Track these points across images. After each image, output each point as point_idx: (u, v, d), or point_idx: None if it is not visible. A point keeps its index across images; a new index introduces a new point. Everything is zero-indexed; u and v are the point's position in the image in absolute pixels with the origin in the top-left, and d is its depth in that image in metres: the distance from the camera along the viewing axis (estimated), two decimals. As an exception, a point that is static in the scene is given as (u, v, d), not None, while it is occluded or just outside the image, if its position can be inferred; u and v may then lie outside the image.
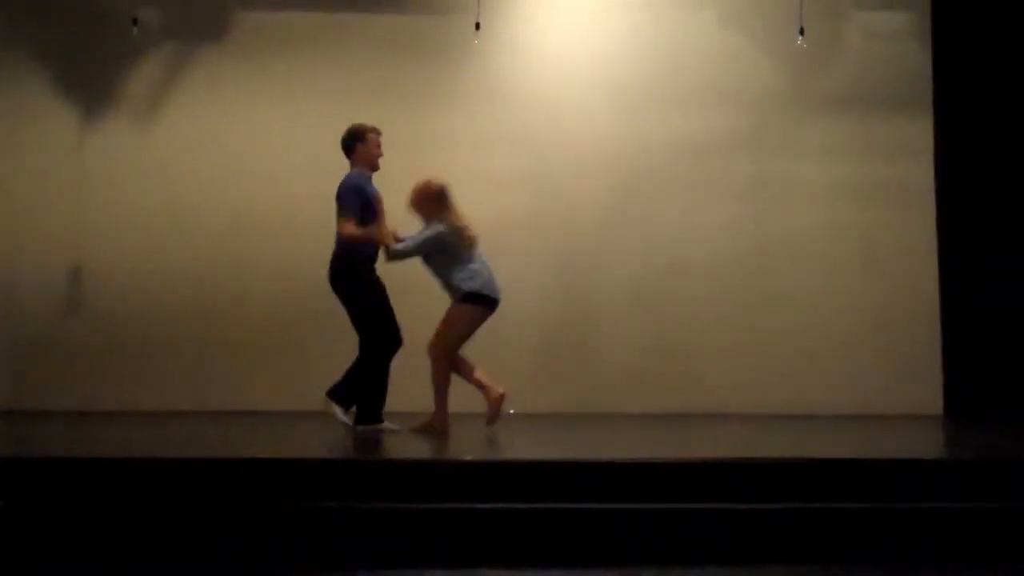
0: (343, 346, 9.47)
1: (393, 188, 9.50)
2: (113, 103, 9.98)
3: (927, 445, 7.80)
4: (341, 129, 9.76)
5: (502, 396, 7.62)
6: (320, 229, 9.72)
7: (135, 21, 9.46)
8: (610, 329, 9.77)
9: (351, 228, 7.53)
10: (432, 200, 7.73)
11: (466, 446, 7.11)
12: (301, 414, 8.91)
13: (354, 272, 7.61)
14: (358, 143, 7.84)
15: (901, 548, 5.49)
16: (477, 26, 9.35)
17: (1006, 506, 5.69)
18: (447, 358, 7.55)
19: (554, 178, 9.92)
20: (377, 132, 7.90)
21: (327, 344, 9.61)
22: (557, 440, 7.63)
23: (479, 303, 7.55)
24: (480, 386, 7.62)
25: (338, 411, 7.61)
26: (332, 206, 9.10)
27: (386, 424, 7.56)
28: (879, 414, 9.39)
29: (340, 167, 9.76)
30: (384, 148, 9.16)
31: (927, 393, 9.76)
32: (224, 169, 9.91)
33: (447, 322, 7.56)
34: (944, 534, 5.55)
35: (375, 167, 7.89)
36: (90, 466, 5.78)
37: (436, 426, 7.50)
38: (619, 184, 9.89)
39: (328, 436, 7.48)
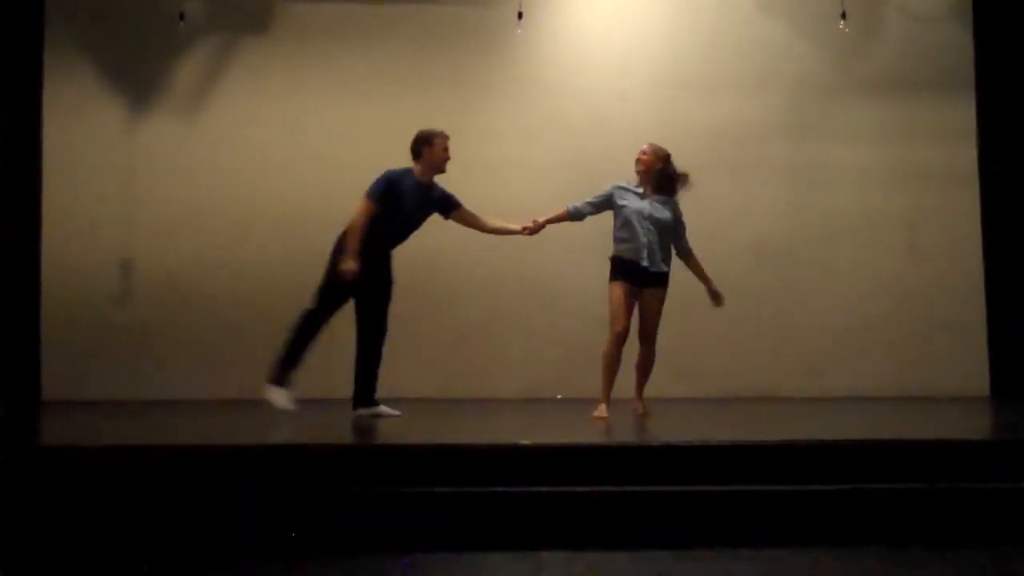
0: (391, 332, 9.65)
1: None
2: (160, 96, 10.09)
3: (974, 426, 7.80)
4: (384, 120, 9.93)
5: None
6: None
7: (182, 16, 9.58)
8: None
9: (363, 217, 7.74)
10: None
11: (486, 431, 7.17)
12: (336, 401, 9.05)
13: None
14: (425, 147, 7.88)
15: (948, 528, 5.53)
16: (519, 16, 9.41)
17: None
18: None
19: (594, 165, 9.91)
20: (445, 137, 7.92)
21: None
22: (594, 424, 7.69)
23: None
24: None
25: (383, 409, 7.74)
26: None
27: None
28: (926, 396, 9.42)
29: (384, 155, 9.87)
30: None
31: (973, 374, 9.77)
32: (269, 160, 9.99)
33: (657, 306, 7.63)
34: (990, 514, 5.59)
35: (440, 170, 7.96)
36: (138, 455, 5.90)
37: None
38: (660, 170, 9.91)
39: (363, 423, 7.58)
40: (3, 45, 9.67)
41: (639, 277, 7.50)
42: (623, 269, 7.52)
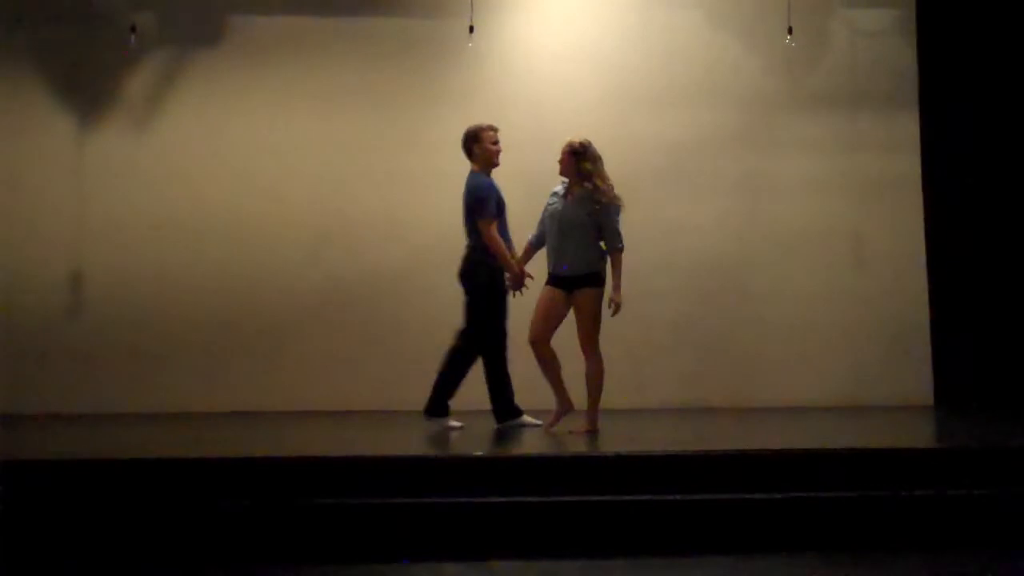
0: (342, 347, 9.68)
1: (379, 188, 9.70)
2: (111, 108, 10.04)
3: (917, 434, 7.92)
4: (335, 131, 9.98)
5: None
6: (317, 228, 9.90)
7: (133, 28, 9.53)
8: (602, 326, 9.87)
9: (494, 233, 7.61)
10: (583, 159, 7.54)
11: (476, 442, 7.21)
12: (302, 414, 9.07)
13: (482, 272, 7.63)
14: (475, 144, 7.87)
15: (893, 535, 5.63)
16: (471, 29, 9.44)
17: (994, 493, 5.83)
18: None
19: (547, 177, 9.99)
20: (494, 129, 7.90)
21: (323, 345, 9.78)
22: (555, 436, 7.73)
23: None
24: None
25: (527, 419, 7.73)
26: (329, 206, 9.32)
27: (451, 421, 7.64)
28: (870, 405, 9.52)
29: (334, 165, 9.95)
30: (376, 149, 9.33)
31: (917, 384, 9.88)
32: (222, 173, 9.98)
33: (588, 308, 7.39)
34: (934, 521, 5.69)
35: (494, 164, 7.92)
36: (90, 468, 5.88)
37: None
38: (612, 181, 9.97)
39: (314, 434, 7.62)
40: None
41: (560, 282, 7.42)
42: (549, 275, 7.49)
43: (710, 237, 10.01)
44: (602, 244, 7.42)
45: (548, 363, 7.43)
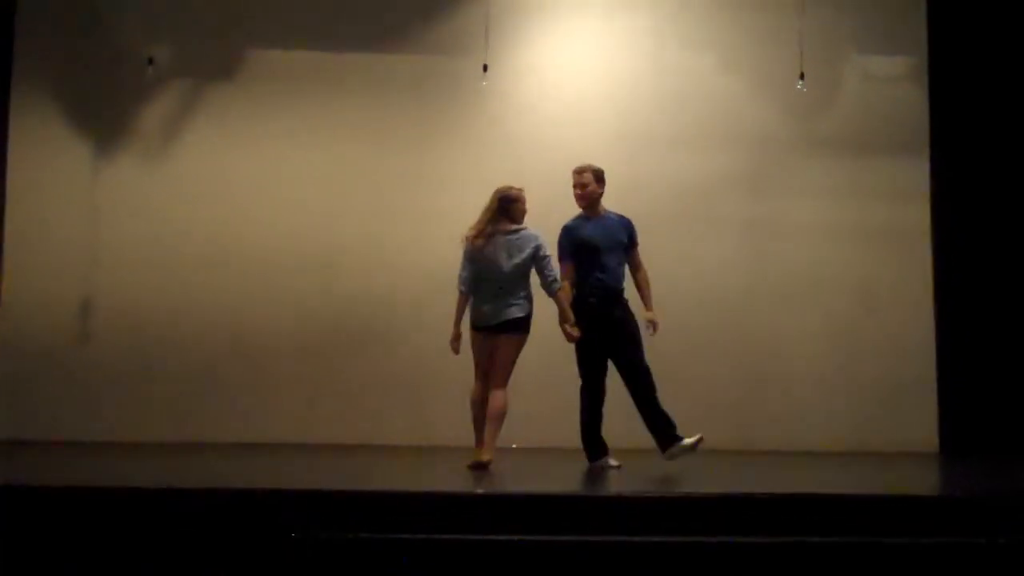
0: (351, 378, 9.70)
1: (390, 223, 9.75)
2: (126, 139, 10.13)
3: (923, 482, 7.90)
4: (348, 165, 10.08)
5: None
6: (327, 261, 9.94)
7: (150, 60, 9.63)
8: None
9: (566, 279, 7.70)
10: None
11: (475, 479, 7.21)
12: (304, 447, 9.08)
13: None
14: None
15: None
16: (484, 68, 9.51)
17: (999, 542, 5.81)
18: None
19: (554, 217, 10.02)
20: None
21: (334, 377, 9.81)
22: (556, 473, 7.74)
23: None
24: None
25: (685, 442, 7.62)
26: (338, 240, 9.40)
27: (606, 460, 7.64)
28: (876, 451, 9.48)
29: (344, 201, 10.01)
30: (388, 185, 9.42)
31: (923, 431, 9.86)
32: (234, 204, 10.04)
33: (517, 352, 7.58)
34: (939, 569, 5.67)
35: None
36: (96, 496, 5.90)
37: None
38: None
39: (318, 466, 7.61)
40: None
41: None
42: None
43: (717, 279, 10.03)
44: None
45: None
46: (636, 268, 7.91)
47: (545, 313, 7.58)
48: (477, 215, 7.78)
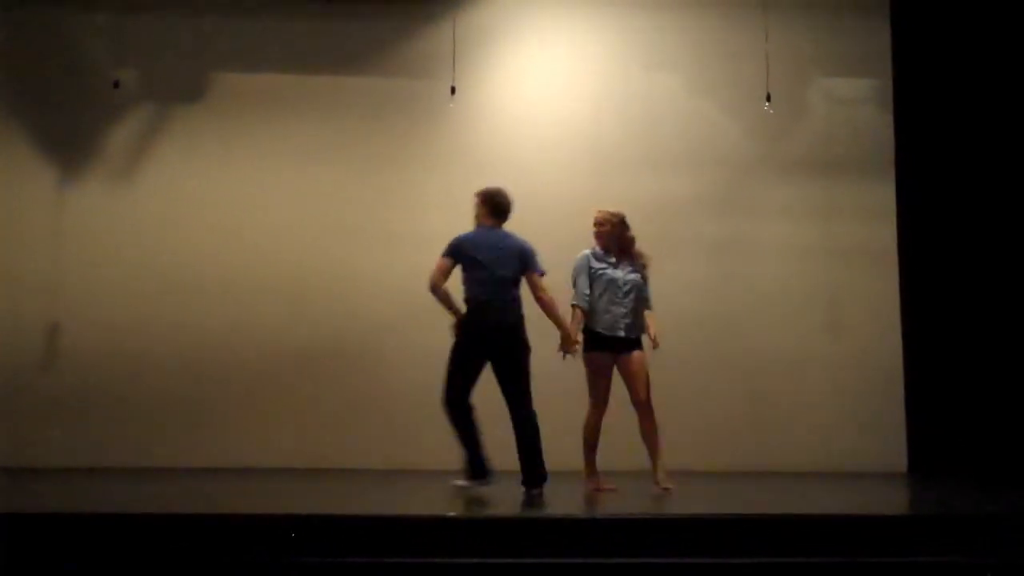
0: (323, 403, 9.67)
1: (359, 245, 9.73)
2: (93, 162, 10.09)
3: (892, 502, 7.92)
4: (315, 188, 10.07)
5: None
6: (296, 284, 9.92)
7: (116, 83, 9.62)
8: (577, 387, 9.87)
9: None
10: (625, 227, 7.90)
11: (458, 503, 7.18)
12: (280, 471, 9.02)
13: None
14: None
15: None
16: (452, 90, 9.54)
17: (966, 561, 5.83)
18: None
19: (526, 239, 10.06)
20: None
21: (302, 401, 9.76)
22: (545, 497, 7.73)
23: None
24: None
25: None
26: (307, 262, 9.41)
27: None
28: (845, 471, 9.51)
29: (312, 224, 10.01)
30: (357, 207, 9.42)
31: (891, 451, 9.89)
32: (201, 227, 10.01)
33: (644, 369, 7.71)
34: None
35: None
36: (60, 522, 5.85)
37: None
38: (588, 244, 9.98)
39: (290, 492, 7.56)
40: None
41: (611, 344, 7.65)
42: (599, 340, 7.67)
43: (685, 301, 10.04)
44: None
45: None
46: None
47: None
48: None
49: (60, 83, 10.09)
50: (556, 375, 7.62)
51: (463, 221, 9.97)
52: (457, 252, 7.64)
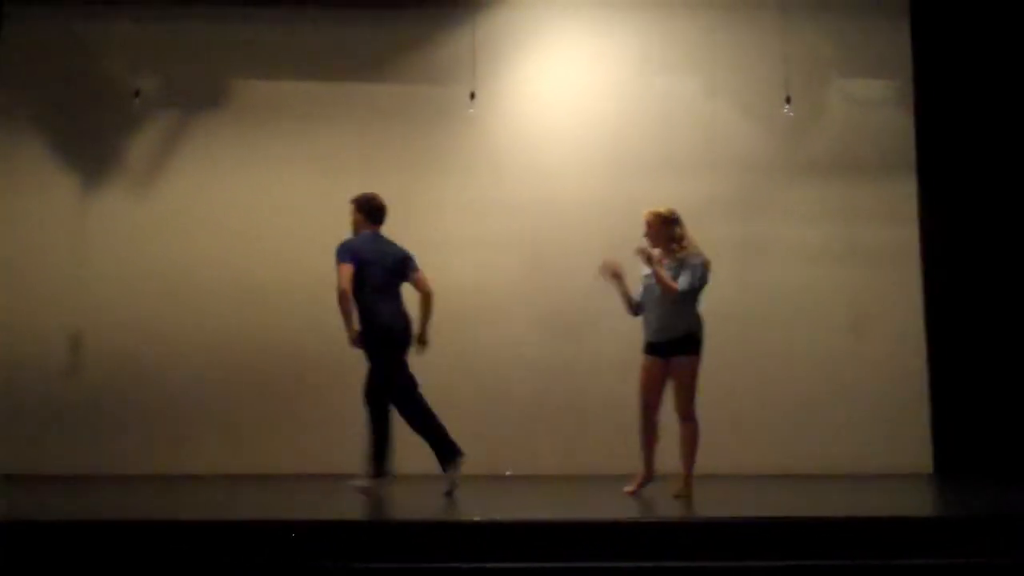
0: (341, 408, 9.64)
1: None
2: (113, 171, 10.11)
3: (917, 503, 7.89)
4: (335, 194, 9.97)
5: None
6: (316, 291, 9.91)
7: (137, 92, 9.65)
8: (601, 391, 9.86)
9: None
10: (671, 225, 7.72)
11: (472, 507, 7.18)
12: (299, 477, 9.03)
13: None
14: None
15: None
16: (472, 95, 9.54)
17: (994, 563, 5.80)
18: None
19: (546, 243, 10.06)
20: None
21: (323, 406, 9.75)
22: (554, 501, 7.71)
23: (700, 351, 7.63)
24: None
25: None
26: (328, 269, 9.38)
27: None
28: (869, 473, 9.46)
29: (334, 231, 9.98)
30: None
31: (916, 452, 9.85)
32: (221, 234, 10.03)
33: (691, 377, 7.61)
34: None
35: None
36: (87, 530, 5.87)
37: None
38: (610, 248, 9.89)
39: (315, 498, 7.56)
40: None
41: (657, 350, 7.61)
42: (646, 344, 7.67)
43: (706, 303, 9.99)
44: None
45: (651, 431, 7.65)
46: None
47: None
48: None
49: (81, 92, 10.13)
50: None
51: (479, 227, 10.04)
52: (356, 257, 7.75)
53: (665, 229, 7.67)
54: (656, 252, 7.56)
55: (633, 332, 7.79)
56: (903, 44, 10.42)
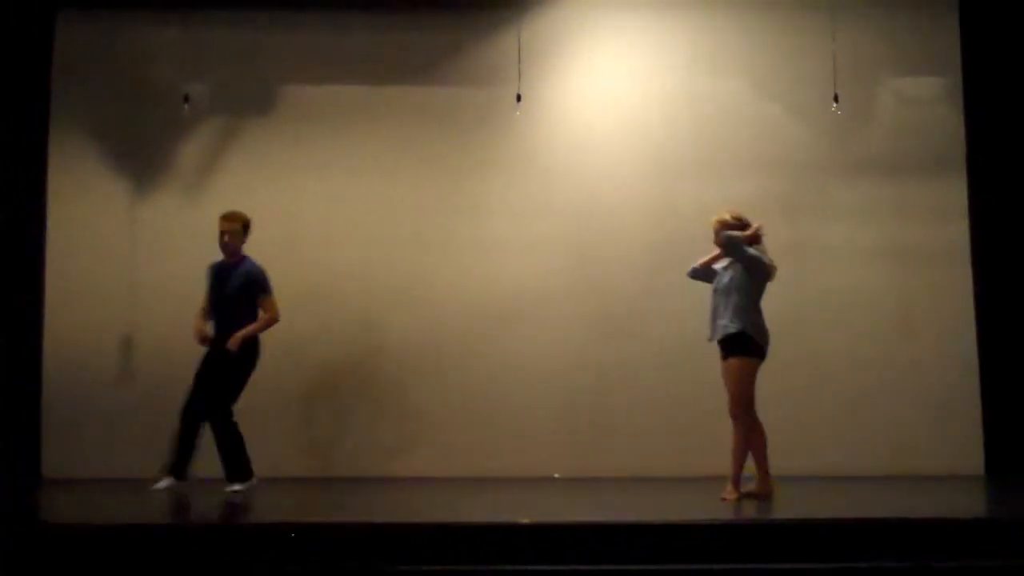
0: (388, 410, 9.69)
1: (426, 254, 9.75)
2: (163, 176, 10.20)
3: (969, 504, 7.83)
4: (383, 198, 10.09)
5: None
6: (361, 297, 9.97)
7: (186, 98, 9.72)
8: (647, 393, 9.86)
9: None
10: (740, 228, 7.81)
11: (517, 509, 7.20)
12: (339, 479, 9.09)
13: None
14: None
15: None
16: (518, 98, 9.55)
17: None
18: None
19: (593, 244, 10.06)
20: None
21: (366, 408, 9.81)
22: (606, 503, 7.72)
23: (758, 354, 7.66)
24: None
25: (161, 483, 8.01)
26: (375, 272, 9.42)
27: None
28: (920, 474, 9.40)
29: (381, 233, 10.03)
30: (424, 216, 9.43)
31: (968, 453, 9.76)
32: (271, 238, 10.02)
33: (733, 381, 7.63)
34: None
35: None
36: (143, 534, 5.95)
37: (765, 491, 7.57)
38: (656, 250, 9.97)
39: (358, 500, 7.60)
40: (9, 124, 9.83)
41: (721, 350, 7.70)
42: None
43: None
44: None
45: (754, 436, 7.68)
46: None
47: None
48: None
49: (131, 99, 10.22)
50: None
51: (525, 229, 10.05)
52: None
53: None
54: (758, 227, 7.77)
55: (681, 332, 7.80)
56: (952, 40, 10.32)
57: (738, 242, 7.64)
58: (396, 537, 5.90)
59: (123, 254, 10.06)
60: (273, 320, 8.26)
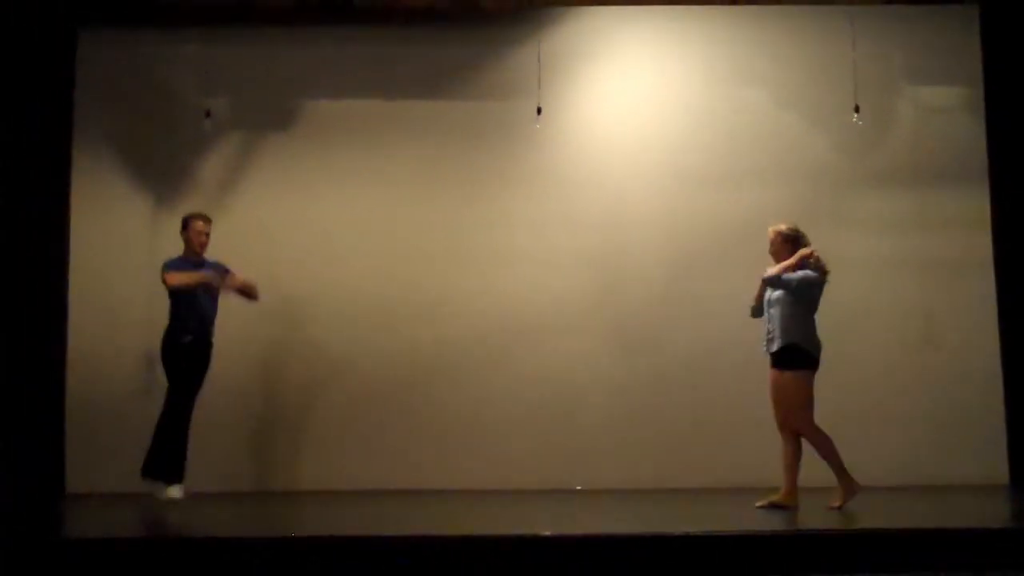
0: (418, 422, 9.68)
1: (447, 267, 9.76)
2: (185, 191, 10.21)
3: (993, 515, 7.79)
4: (405, 212, 10.09)
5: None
6: (381, 309, 9.98)
7: (208, 113, 9.76)
8: (668, 405, 9.84)
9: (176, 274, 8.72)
10: (791, 242, 7.94)
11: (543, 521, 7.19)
12: (374, 492, 9.09)
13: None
14: (182, 231, 8.79)
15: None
16: (538, 110, 9.56)
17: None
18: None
19: (613, 256, 10.06)
20: (205, 219, 8.86)
21: (395, 423, 9.82)
22: (629, 514, 7.70)
23: (811, 365, 7.79)
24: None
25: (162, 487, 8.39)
26: (397, 285, 9.41)
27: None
28: (944, 485, 9.37)
29: (404, 247, 10.04)
30: (446, 229, 9.45)
31: (992, 463, 9.71)
32: (293, 253, 10.12)
33: (782, 393, 7.80)
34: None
35: (196, 251, 8.91)
36: (176, 548, 5.96)
37: (851, 491, 7.71)
38: (676, 262, 9.99)
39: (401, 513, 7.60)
40: (32, 140, 9.88)
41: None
42: None
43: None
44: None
45: (788, 448, 7.90)
46: None
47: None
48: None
49: (153, 114, 10.28)
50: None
51: (544, 241, 10.07)
52: None
53: (786, 246, 7.93)
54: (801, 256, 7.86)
55: (701, 345, 7.79)
56: (973, 49, 10.30)
57: (774, 278, 7.75)
58: (422, 548, 5.90)
59: (145, 269, 10.05)
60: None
